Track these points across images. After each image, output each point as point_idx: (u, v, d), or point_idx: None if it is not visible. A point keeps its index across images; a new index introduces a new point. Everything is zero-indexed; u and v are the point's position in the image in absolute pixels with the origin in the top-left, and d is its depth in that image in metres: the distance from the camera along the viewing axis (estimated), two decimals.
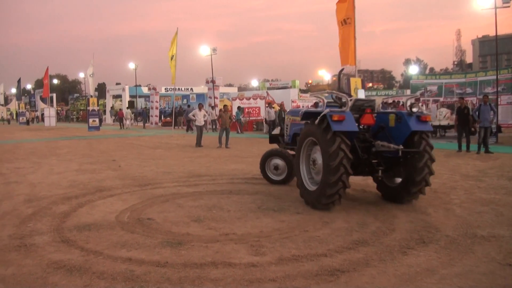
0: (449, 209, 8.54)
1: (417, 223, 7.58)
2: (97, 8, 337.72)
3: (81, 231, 7.39)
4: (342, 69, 12.23)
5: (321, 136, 8.48)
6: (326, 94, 10.80)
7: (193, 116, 25.00)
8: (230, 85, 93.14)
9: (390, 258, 5.94)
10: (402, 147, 8.61)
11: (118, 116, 47.76)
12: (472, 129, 18.86)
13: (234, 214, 8.38)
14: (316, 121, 8.63)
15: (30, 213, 8.78)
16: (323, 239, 6.75)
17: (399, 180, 9.32)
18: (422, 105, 19.27)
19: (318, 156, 8.85)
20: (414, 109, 8.91)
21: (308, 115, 9.57)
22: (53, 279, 5.45)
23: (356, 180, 11.48)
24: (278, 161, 11.58)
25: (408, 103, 8.99)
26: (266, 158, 11.74)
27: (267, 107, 34.47)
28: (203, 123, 24.60)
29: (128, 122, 47.17)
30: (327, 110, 8.53)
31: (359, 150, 8.74)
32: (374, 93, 52.16)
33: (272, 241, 6.68)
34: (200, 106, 25.54)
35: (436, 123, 25.59)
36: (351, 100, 9.23)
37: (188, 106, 44.46)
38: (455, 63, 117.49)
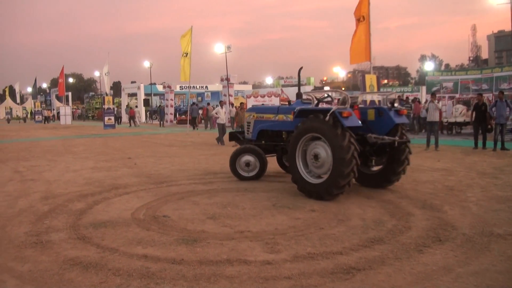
0: (465, 207, 8.46)
1: (433, 221, 7.51)
2: (112, 7, 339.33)
3: (97, 228, 7.44)
4: (301, 68, 12.40)
5: (330, 131, 8.94)
6: (318, 95, 11.70)
7: (216, 114, 25.02)
8: (244, 83, 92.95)
9: (406, 256, 5.90)
10: (398, 138, 9.71)
11: (130, 115, 48.26)
12: (489, 126, 18.69)
13: (249, 211, 8.38)
14: (327, 118, 9.00)
15: (46, 210, 8.86)
16: (338, 237, 6.72)
17: (375, 168, 10.55)
18: (438, 102, 19.15)
19: (321, 150, 9.31)
20: (396, 104, 10.37)
21: (304, 113, 9.93)
22: (69, 276, 5.49)
23: None
24: (249, 158, 11.64)
25: (389, 99, 10.33)
26: (237, 155, 11.72)
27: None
28: (225, 120, 24.48)
29: (137, 120, 48.08)
30: (335, 107, 9.21)
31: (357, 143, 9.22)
32: (389, 89, 51.72)
33: (287, 239, 6.67)
34: (222, 103, 25.51)
35: (452, 120, 25.37)
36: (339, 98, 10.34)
37: (196, 104, 44.53)
38: (471, 59, 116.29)
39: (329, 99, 11.77)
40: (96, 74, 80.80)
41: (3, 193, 10.63)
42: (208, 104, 43.94)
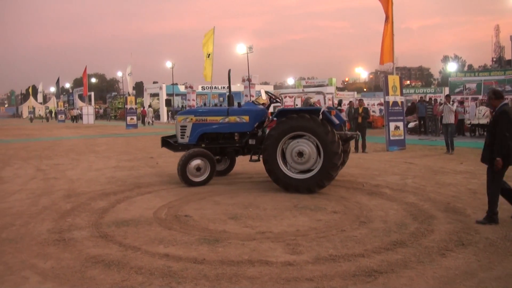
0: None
1: (456, 225, 7.42)
2: (134, 8, 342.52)
3: (119, 227, 7.50)
4: (230, 70, 12.27)
5: (320, 129, 9.81)
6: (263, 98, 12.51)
7: None
8: (266, 83, 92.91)
9: (428, 260, 5.84)
10: (359, 133, 11.29)
11: (142, 114, 48.87)
12: None
13: (270, 212, 8.37)
14: (320, 117, 9.92)
15: (69, 208, 8.96)
16: (360, 239, 6.68)
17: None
18: (453, 104, 18.76)
19: (305, 147, 9.98)
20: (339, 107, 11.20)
21: (285, 113, 10.46)
22: (91, 273, 5.54)
23: (394, 180, 11.39)
24: (199, 162, 11.00)
25: (336, 101, 10.97)
26: (188, 160, 10.91)
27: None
28: None
29: (150, 119, 49.73)
30: (324, 107, 10.28)
31: None
32: (412, 90, 51.26)
33: (309, 240, 6.64)
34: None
35: (475, 121, 25.03)
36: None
37: (220, 105, 44.58)
38: (494, 59, 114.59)
39: (279, 101, 12.14)
40: (119, 74, 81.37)
41: (26, 191, 10.77)
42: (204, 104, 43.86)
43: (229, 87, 12.56)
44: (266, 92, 12.95)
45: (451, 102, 18.11)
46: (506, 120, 7.24)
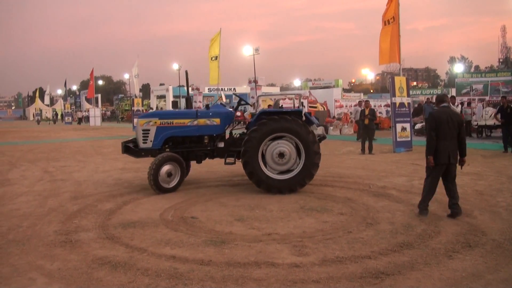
0: (495, 212, 8.30)
1: (462, 226, 7.39)
2: (140, 11, 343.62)
3: (125, 228, 7.51)
4: (186, 71, 12.29)
5: (302, 130, 10.16)
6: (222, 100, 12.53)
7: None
8: (272, 85, 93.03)
9: (435, 262, 5.82)
10: (326, 135, 11.32)
11: None
12: None
13: (276, 214, 8.37)
14: (304, 118, 10.52)
15: (75, 210, 8.98)
16: (367, 241, 6.66)
17: None
18: (457, 105, 18.59)
19: (286, 148, 10.24)
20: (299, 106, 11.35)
21: (267, 115, 10.52)
22: (98, 275, 5.55)
23: (400, 182, 11.36)
24: (170, 167, 10.43)
25: (280, 102, 11.30)
26: (159, 166, 10.23)
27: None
28: None
29: None
30: (302, 108, 10.56)
31: None
32: (418, 92, 51.19)
33: (315, 242, 6.63)
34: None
35: (482, 123, 24.92)
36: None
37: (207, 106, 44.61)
38: (500, 60, 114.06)
39: (243, 102, 11.86)
40: (126, 76, 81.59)
41: (34, 193, 10.81)
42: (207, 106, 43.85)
43: (187, 89, 12.41)
44: (234, 94, 12.88)
45: (455, 104, 17.90)
46: (432, 122, 8.08)
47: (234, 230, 7.31)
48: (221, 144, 11.21)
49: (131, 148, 11.07)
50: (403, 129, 19.01)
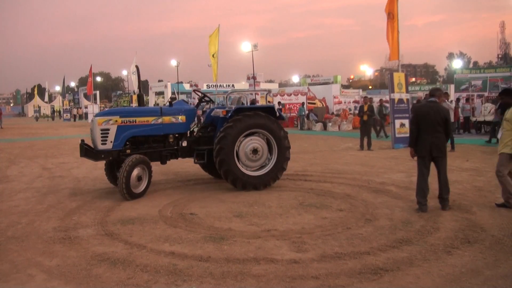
0: (494, 208, 8.29)
1: (462, 222, 7.39)
2: (139, 7, 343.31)
3: (124, 225, 7.51)
4: (137, 66, 11.88)
5: (275, 125, 10.36)
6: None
7: None
8: (271, 81, 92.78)
9: (434, 258, 5.82)
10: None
11: None
12: None
13: (275, 210, 8.37)
14: (277, 114, 10.69)
15: (74, 206, 8.99)
16: (366, 237, 6.66)
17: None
18: (450, 100, 18.58)
19: (258, 144, 10.27)
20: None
21: (240, 110, 10.34)
22: (97, 271, 5.55)
23: (399, 178, 11.37)
24: (140, 170, 9.62)
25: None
26: (131, 171, 9.33)
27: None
28: None
29: None
30: (275, 104, 10.40)
31: None
32: (417, 88, 51.23)
33: (314, 238, 6.63)
34: (254, 102, 25.29)
35: (481, 118, 24.93)
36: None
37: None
38: (499, 56, 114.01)
39: (207, 99, 11.56)
40: (124, 73, 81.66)
41: (32, 189, 10.80)
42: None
43: (139, 85, 11.51)
44: (195, 91, 12.77)
45: (449, 100, 17.90)
46: (412, 116, 8.61)
47: (233, 227, 7.31)
48: (184, 143, 10.66)
49: (89, 151, 9.83)
50: (402, 125, 19.02)
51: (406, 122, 19.18)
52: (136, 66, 11.46)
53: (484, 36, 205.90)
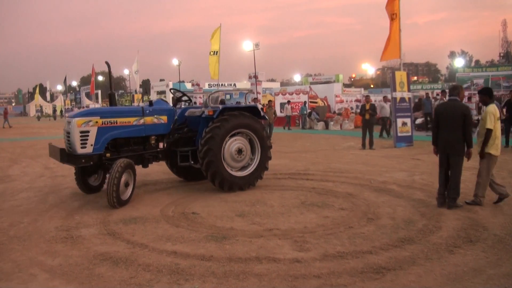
0: (496, 207, 8.30)
1: (464, 221, 7.39)
2: (140, 7, 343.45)
3: (127, 224, 7.51)
4: (106, 62, 10.41)
5: (258, 125, 10.37)
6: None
7: None
8: (272, 80, 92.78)
9: (436, 257, 5.82)
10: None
11: None
12: None
13: (277, 209, 8.37)
14: (262, 114, 10.70)
15: (76, 206, 8.99)
16: (368, 236, 6.66)
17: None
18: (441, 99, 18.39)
19: (242, 144, 10.14)
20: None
21: (226, 110, 10.09)
22: (99, 270, 5.56)
23: (401, 177, 11.35)
24: (126, 176, 8.94)
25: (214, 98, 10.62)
26: (120, 177, 8.65)
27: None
28: None
29: None
30: (258, 104, 10.52)
31: None
32: (419, 86, 51.12)
33: (317, 237, 6.63)
34: (255, 101, 25.23)
35: None
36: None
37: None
38: (501, 54, 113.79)
39: (185, 98, 11.17)
40: (126, 72, 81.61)
41: (35, 189, 10.82)
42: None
43: (110, 82, 11.07)
44: (172, 90, 11.78)
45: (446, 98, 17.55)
46: (434, 114, 8.89)
47: (235, 226, 7.32)
48: (164, 144, 10.33)
49: (71, 155, 8.89)
50: (404, 124, 19.00)
51: (408, 121, 19.18)
52: (106, 62, 10.29)
53: (485, 35, 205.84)
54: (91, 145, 8.81)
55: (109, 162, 9.14)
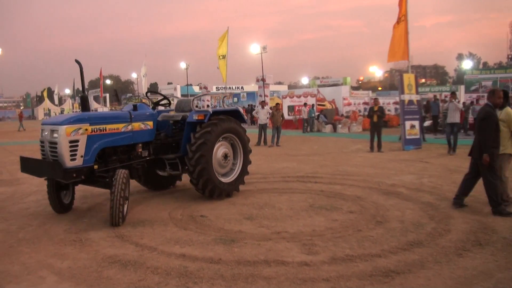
0: None
1: (473, 224, 7.34)
2: (148, 10, 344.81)
3: (135, 227, 7.52)
4: (76, 60, 8.71)
5: (241, 129, 10.09)
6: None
7: (256, 114, 24.83)
8: (280, 83, 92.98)
9: (445, 260, 5.79)
10: None
11: None
12: None
13: (285, 212, 8.35)
14: (246, 117, 10.10)
15: (85, 208, 9.02)
16: (377, 239, 6.63)
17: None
18: (458, 101, 18.24)
19: (227, 150, 9.80)
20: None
21: (215, 114, 9.60)
22: (108, 273, 5.57)
23: (410, 180, 11.31)
24: (127, 190, 7.96)
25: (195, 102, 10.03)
26: (127, 190, 7.84)
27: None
28: (265, 121, 23.46)
29: None
30: (238, 107, 10.28)
31: None
32: (427, 89, 50.98)
33: (325, 240, 6.61)
34: (263, 104, 25.21)
35: None
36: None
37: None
38: (509, 56, 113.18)
39: (166, 101, 10.36)
40: (134, 75, 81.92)
41: (43, 192, 10.82)
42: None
43: (82, 84, 8.72)
44: (147, 93, 11.22)
45: (456, 100, 17.40)
46: None
47: (243, 229, 7.31)
48: (145, 153, 9.25)
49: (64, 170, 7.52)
50: (412, 126, 18.94)
51: (417, 123, 19.12)
52: (77, 61, 8.60)
53: (493, 37, 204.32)
54: (81, 156, 7.68)
55: (101, 175, 8.18)
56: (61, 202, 8.73)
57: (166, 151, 9.70)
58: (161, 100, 10.30)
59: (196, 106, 10.15)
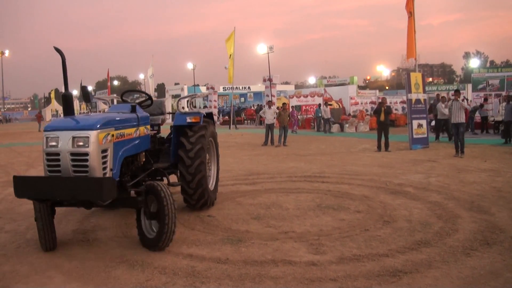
0: None
1: (480, 224, 7.31)
2: (155, 11, 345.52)
3: None
4: (58, 52, 6.80)
5: (215, 132, 9.34)
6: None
7: (263, 113, 24.85)
8: (287, 83, 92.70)
9: (453, 260, 5.76)
10: None
11: None
12: None
13: (293, 212, 8.34)
14: (221, 121, 9.93)
15: (92, 209, 9.00)
16: (384, 239, 6.62)
17: None
18: (463, 100, 18.17)
19: (207, 153, 8.56)
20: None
21: (208, 116, 9.01)
22: (116, 273, 5.58)
23: (417, 179, 11.28)
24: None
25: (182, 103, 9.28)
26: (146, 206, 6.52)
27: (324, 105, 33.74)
28: (272, 121, 23.26)
29: None
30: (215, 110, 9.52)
31: None
32: (434, 88, 50.78)
33: (332, 240, 6.61)
34: (270, 104, 25.17)
35: (499, 118, 24.63)
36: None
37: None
38: None
39: (149, 102, 8.20)
40: (141, 76, 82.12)
41: None
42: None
43: (65, 80, 6.90)
44: (127, 92, 9.45)
45: (461, 99, 17.08)
46: None
47: (250, 229, 7.31)
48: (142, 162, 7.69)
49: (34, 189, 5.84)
50: (420, 125, 18.89)
51: (424, 122, 19.07)
52: (56, 49, 6.88)
53: (501, 35, 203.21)
54: (110, 169, 6.12)
55: (135, 190, 6.68)
56: (54, 233, 6.64)
57: (158, 159, 8.42)
58: (144, 101, 8.22)
59: (183, 108, 9.12)
